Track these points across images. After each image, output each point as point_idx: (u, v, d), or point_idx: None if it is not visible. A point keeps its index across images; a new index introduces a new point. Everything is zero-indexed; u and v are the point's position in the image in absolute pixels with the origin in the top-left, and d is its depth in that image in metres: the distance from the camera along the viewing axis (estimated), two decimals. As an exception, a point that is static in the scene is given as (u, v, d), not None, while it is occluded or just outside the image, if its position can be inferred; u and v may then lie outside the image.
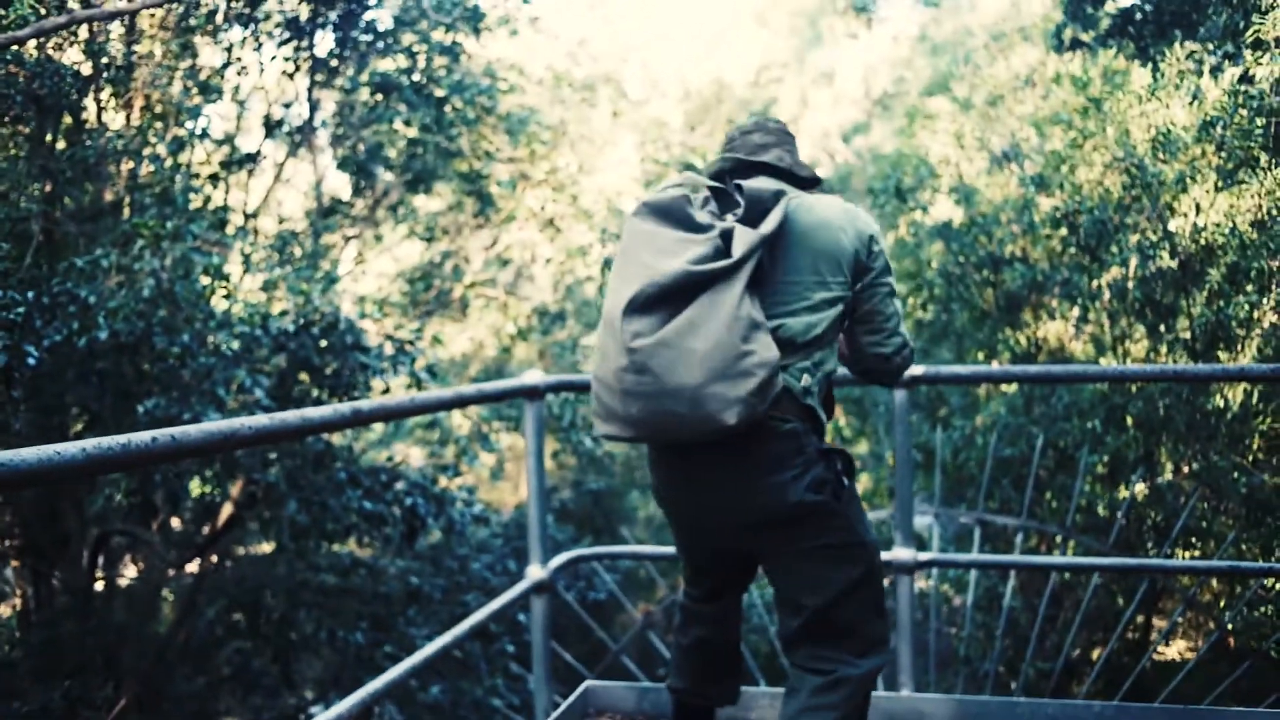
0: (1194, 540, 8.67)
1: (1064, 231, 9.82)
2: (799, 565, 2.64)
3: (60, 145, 9.54)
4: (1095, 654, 9.24)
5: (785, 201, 2.56)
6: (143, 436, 1.95)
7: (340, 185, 14.91)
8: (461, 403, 3.49)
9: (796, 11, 27.03)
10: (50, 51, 9.35)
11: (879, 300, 2.66)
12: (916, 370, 3.72)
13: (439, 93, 12.33)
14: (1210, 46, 9.56)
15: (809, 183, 2.82)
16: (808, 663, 2.66)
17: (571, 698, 3.80)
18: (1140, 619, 9.25)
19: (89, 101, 9.94)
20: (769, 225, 2.49)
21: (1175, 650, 10.50)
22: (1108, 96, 9.47)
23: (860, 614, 2.66)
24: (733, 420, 2.34)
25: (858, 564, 2.63)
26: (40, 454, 1.74)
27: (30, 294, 7.59)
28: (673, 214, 2.53)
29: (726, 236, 2.47)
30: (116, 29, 10.26)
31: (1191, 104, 8.80)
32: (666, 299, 2.39)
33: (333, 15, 12.33)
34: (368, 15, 12.56)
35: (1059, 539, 8.61)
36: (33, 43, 8.93)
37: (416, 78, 12.44)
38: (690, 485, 2.62)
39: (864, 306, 2.66)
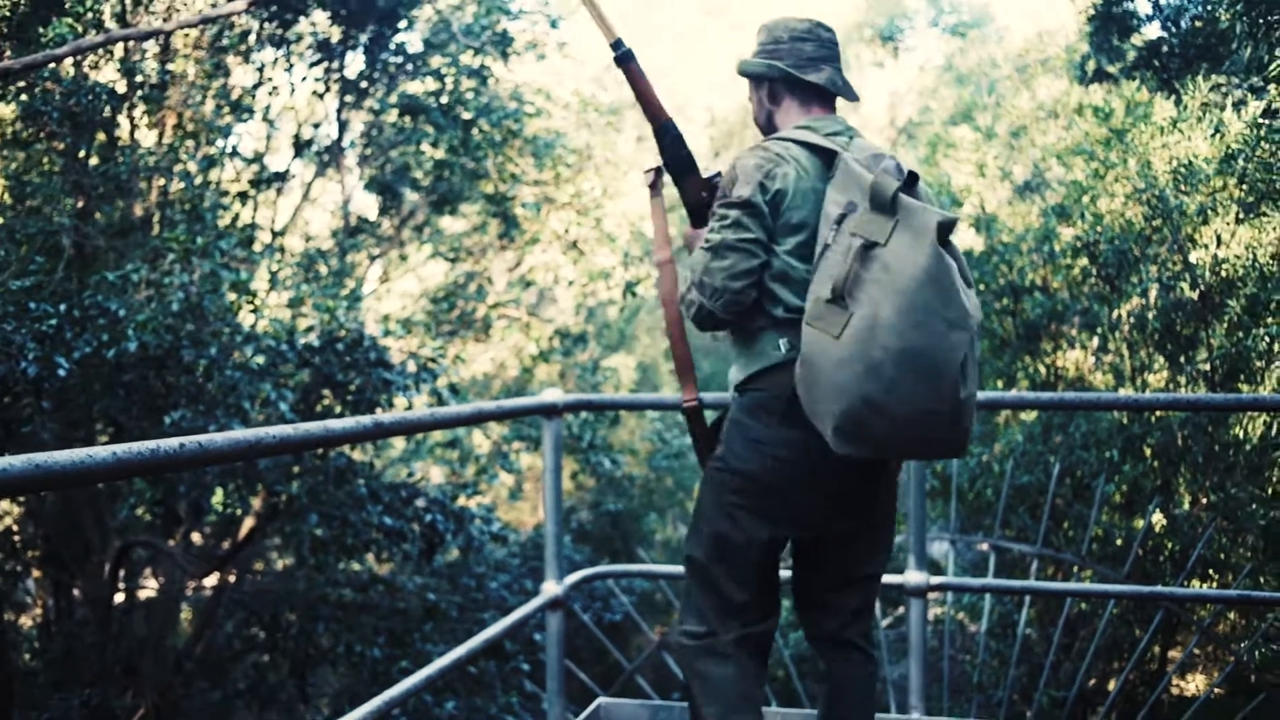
0: (1211, 572, 8.65)
1: (1084, 261, 9.85)
2: (879, 530, 2.77)
3: (93, 161, 9.70)
4: (1110, 684, 9.22)
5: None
6: (171, 443, 2.00)
7: (367, 205, 15.06)
8: (481, 418, 3.55)
9: (823, 39, 27.11)
10: (86, 69, 9.52)
11: None
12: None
13: (466, 115, 12.45)
14: (1235, 80, 9.60)
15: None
16: (858, 640, 2.82)
17: (584, 714, 3.84)
18: (1156, 650, 9.22)
19: (122, 119, 10.11)
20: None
21: (1194, 683, 10.45)
22: (1130, 128, 9.51)
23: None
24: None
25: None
26: (73, 457, 1.80)
27: (62, 306, 7.71)
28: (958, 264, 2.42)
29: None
30: (151, 48, 10.44)
31: (1214, 137, 8.84)
32: None
33: (363, 38, 12.50)
34: (398, 38, 12.72)
35: (1075, 568, 8.61)
36: (69, 61, 9.10)
37: (444, 100, 12.57)
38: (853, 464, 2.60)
39: None
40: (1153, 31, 11.65)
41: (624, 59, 2.74)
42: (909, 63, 26.88)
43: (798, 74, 2.69)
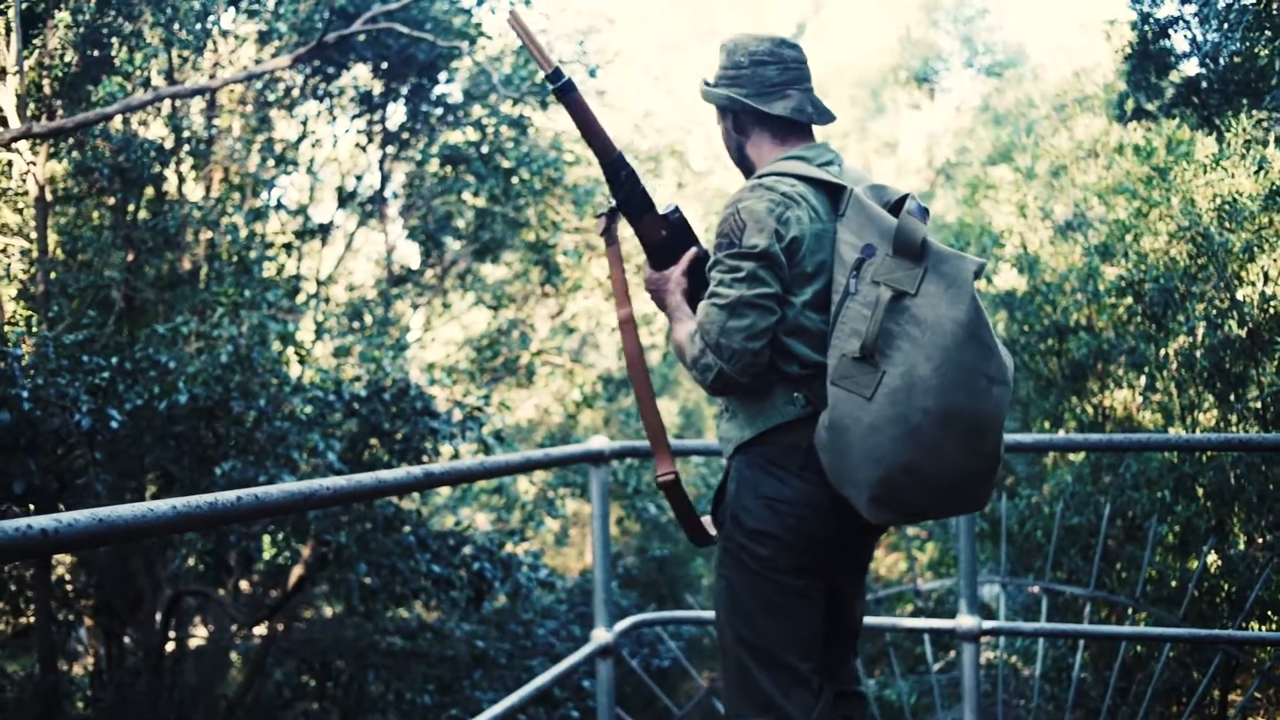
0: (1270, 614, 8.50)
1: (1129, 300, 9.78)
2: (864, 574, 2.64)
3: (142, 216, 9.88)
4: (1168, 729, 9.06)
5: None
6: (228, 496, 2.03)
7: (410, 254, 15.22)
8: (529, 467, 3.57)
9: (858, 82, 27.23)
10: (135, 126, 9.73)
11: None
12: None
13: (507, 164, 12.58)
14: (1276, 115, 9.53)
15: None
16: (855, 687, 2.67)
17: (635, 761, 3.82)
18: (1216, 693, 9.05)
19: (170, 173, 10.30)
20: None
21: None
22: (1172, 166, 9.46)
23: None
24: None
25: None
26: (135, 511, 1.83)
27: (114, 359, 7.82)
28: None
29: None
30: (197, 104, 10.65)
31: (1258, 173, 8.77)
32: None
33: (404, 90, 12.68)
34: (438, 89, 12.90)
35: (1129, 610, 8.49)
36: (119, 118, 9.30)
37: (485, 150, 12.72)
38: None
39: None
40: (1191, 68, 11.59)
41: (564, 90, 2.46)
42: (945, 104, 26.92)
43: (759, 106, 2.46)
